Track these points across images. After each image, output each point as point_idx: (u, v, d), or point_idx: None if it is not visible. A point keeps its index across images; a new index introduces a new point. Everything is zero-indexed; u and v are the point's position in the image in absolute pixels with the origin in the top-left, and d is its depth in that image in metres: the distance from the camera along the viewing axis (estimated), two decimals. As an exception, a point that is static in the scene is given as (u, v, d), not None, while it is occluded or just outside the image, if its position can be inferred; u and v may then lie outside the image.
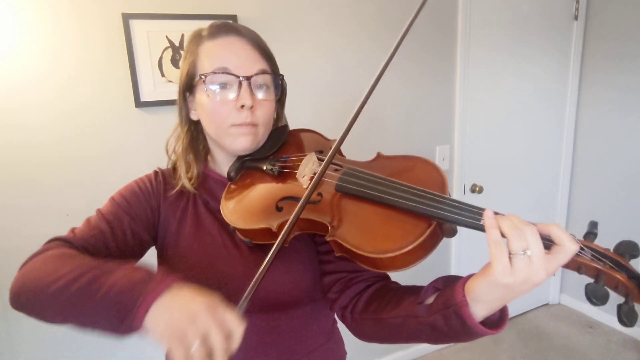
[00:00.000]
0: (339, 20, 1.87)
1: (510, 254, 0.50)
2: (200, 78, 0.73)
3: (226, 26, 0.75)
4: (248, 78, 0.72)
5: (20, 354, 1.55)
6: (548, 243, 0.50)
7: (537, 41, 2.41)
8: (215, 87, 0.73)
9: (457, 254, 2.42)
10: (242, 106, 0.72)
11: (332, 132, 0.74)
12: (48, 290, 0.57)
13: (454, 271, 2.43)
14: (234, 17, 1.64)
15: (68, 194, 1.53)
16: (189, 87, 0.77)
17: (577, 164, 2.72)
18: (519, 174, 2.57)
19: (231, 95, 0.73)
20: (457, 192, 2.34)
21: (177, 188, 0.80)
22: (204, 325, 0.48)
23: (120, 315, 0.52)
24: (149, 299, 0.51)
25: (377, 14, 1.93)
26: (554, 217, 2.76)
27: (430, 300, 0.61)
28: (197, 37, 0.76)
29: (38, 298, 0.58)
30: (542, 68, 2.48)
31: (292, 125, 0.91)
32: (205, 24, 0.77)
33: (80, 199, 1.55)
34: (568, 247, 0.49)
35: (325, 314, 0.85)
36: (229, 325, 0.49)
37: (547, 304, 2.91)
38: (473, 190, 2.37)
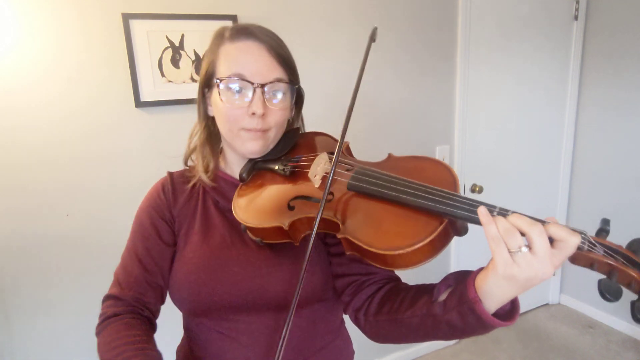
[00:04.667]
0: (339, 20, 1.87)
1: (509, 251, 0.51)
2: (216, 82, 0.74)
3: (247, 30, 0.75)
4: (262, 86, 0.73)
5: None
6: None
7: (537, 41, 2.41)
8: (229, 92, 0.74)
9: (457, 251, 2.42)
10: (253, 113, 0.73)
11: (337, 133, 0.75)
12: None
13: (453, 268, 2.42)
14: (234, 17, 1.64)
15: (68, 194, 1.53)
16: (207, 84, 0.79)
17: (577, 163, 2.72)
18: (519, 173, 2.57)
19: (244, 100, 0.74)
20: (457, 192, 2.33)
21: (193, 181, 0.83)
22: None
23: None
24: None
25: (378, 13, 1.93)
26: (554, 217, 2.76)
27: (443, 297, 0.62)
28: (220, 37, 0.77)
29: None
30: (542, 68, 2.48)
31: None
32: (205, 24, 0.77)
33: (81, 199, 1.55)
34: (570, 241, 0.50)
35: (333, 313, 0.86)
36: None
37: (547, 304, 2.91)
38: (473, 190, 2.37)
